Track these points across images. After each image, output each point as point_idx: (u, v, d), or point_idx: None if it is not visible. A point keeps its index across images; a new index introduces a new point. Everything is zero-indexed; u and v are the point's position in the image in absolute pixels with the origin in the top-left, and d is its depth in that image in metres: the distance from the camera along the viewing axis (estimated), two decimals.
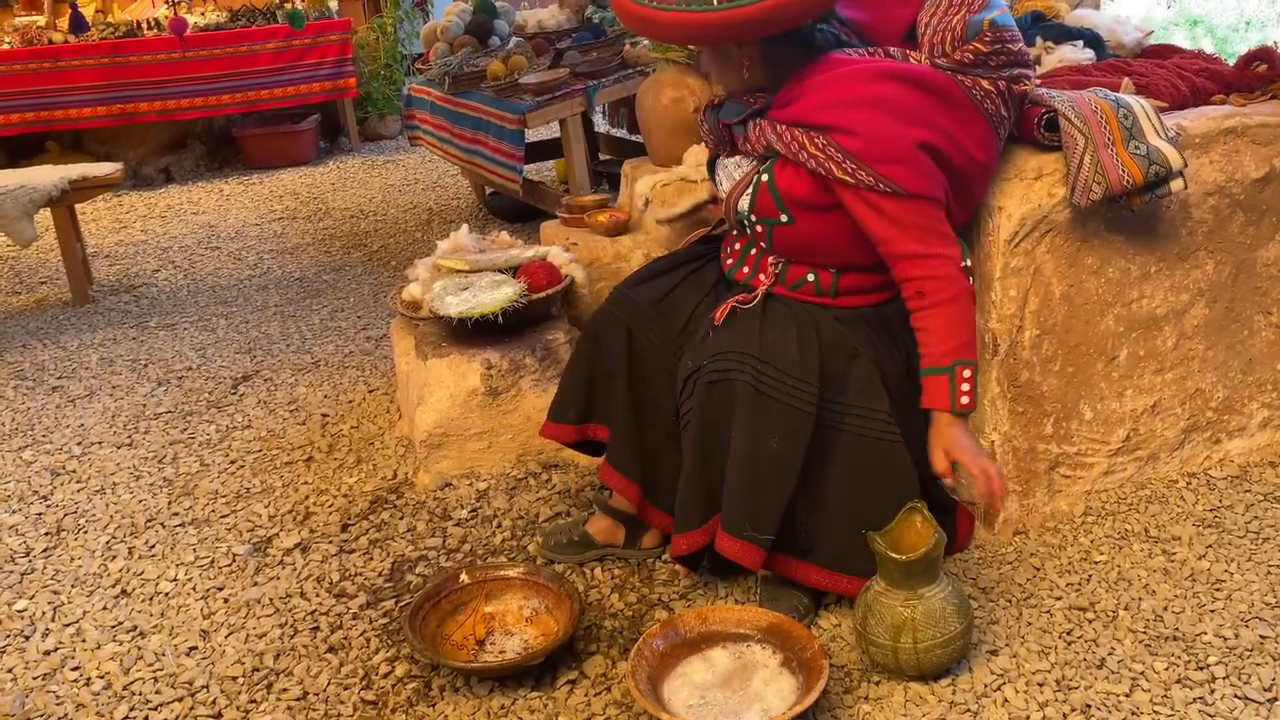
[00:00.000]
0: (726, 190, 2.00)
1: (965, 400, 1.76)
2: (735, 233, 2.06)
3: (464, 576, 1.96)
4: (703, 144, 2.24)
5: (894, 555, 1.66)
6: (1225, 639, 1.79)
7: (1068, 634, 1.83)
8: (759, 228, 1.93)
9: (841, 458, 1.83)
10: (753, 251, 2.00)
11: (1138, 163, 1.89)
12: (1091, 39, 2.55)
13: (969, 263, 1.82)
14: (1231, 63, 2.42)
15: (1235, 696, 1.66)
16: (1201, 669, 1.72)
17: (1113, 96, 1.98)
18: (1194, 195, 2.11)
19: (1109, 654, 1.77)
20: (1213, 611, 1.86)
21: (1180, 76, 2.28)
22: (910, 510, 1.75)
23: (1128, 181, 1.89)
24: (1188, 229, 2.13)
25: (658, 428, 2.00)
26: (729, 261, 2.05)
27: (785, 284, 1.94)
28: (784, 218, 1.88)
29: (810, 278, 1.92)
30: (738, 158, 2.00)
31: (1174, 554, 2.02)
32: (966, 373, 1.76)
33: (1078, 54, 2.51)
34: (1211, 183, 2.12)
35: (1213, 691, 1.67)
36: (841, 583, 1.86)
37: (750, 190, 1.92)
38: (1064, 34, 2.56)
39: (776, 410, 1.77)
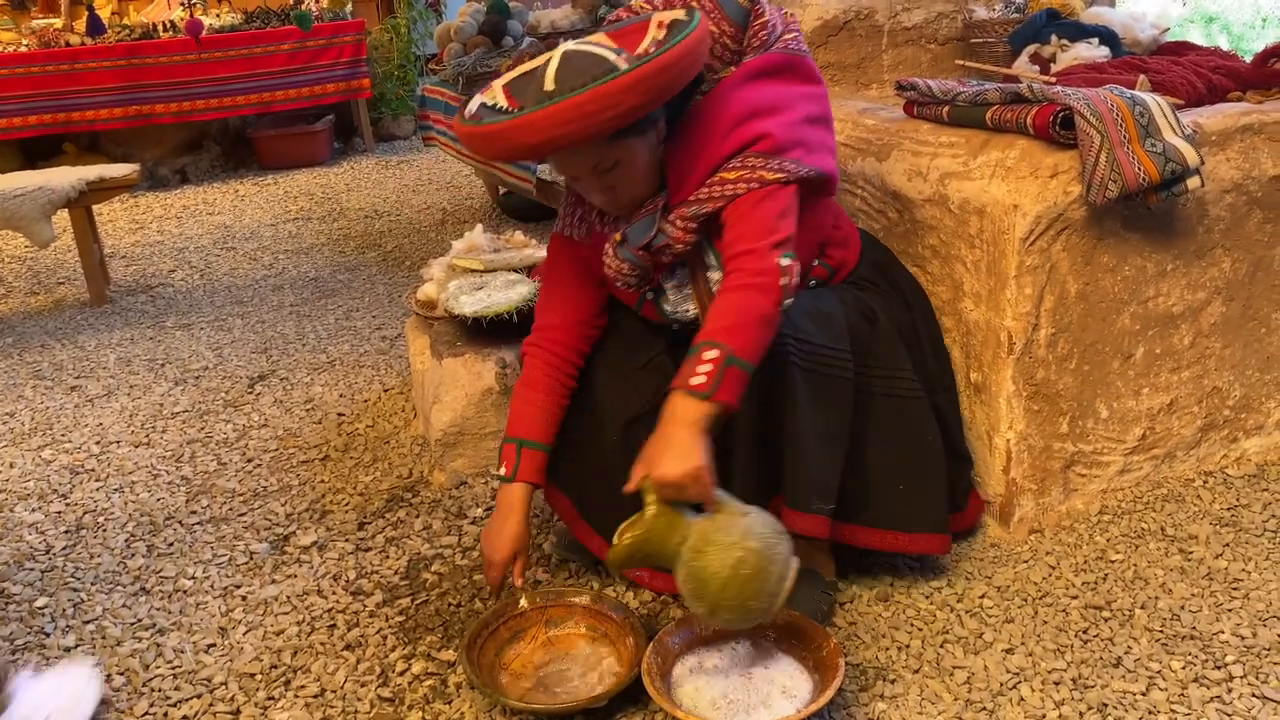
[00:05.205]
0: (689, 308, 1.86)
1: (698, 381, 1.57)
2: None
3: (523, 602, 1.87)
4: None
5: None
6: (1243, 638, 1.78)
7: (1084, 633, 1.82)
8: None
9: (876, 419, 1.87)
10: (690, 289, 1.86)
11: (1154, 160, 1.88)
12: (1107, 36, 2.55)
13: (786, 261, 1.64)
14: (1248, 59, 2.41)
15: (1253, 696, 1.65)
16: (1219, 668, 1.72)
17: (1129, 94, 1.97)
18: (1211, 193, 2.10)
19: (1125, 653, 1.76)
20: (1230, 610, 1.85)
21: (1196, 74, 2.27)
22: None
23: (1144, 179, 1.88)
24: (1204, 226, 2.12)
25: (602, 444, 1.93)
26: (668, 308, 1.89)
27: None
28: None
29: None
30: (674, 281, 1.86)
31: (1191, 553, 2.02)
32: (711, 353, 1.59)
33: (1093, 51, 2.50)
34: (1228, 180, 2.11)
35: (1230, 690, 1.67)
36: (889, 539, 1.89)
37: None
38: (1079, 31, 2.56)
39: (821, 383, 1.78)
